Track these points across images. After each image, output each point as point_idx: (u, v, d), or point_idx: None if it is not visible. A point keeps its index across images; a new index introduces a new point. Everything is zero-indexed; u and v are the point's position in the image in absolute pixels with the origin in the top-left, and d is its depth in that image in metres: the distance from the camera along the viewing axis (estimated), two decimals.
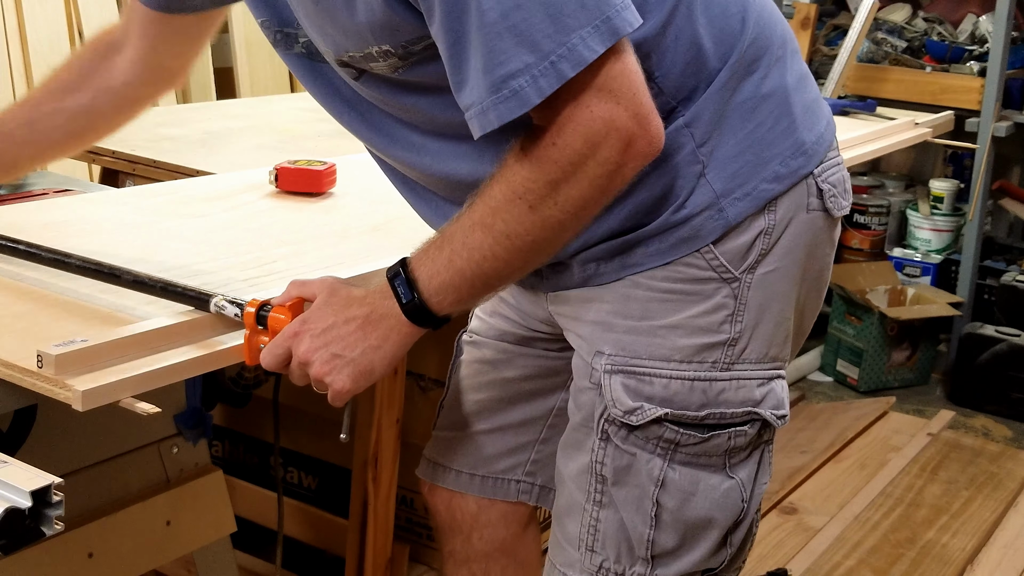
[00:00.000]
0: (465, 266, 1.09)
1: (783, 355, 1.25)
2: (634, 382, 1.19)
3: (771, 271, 1.20)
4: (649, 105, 1.04)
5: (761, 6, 1.21)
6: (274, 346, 1.15)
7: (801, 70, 1.25)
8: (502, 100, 1.01)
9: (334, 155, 2.04)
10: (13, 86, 3.09)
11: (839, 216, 1.26)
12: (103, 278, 1.30)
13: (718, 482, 1.22)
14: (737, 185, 1.17)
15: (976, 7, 3.91)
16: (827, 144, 1.24)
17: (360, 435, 1.97)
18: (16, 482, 0.95)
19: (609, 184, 1.05)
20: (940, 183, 3.93)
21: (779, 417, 1.24)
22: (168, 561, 1.80)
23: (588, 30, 0.99)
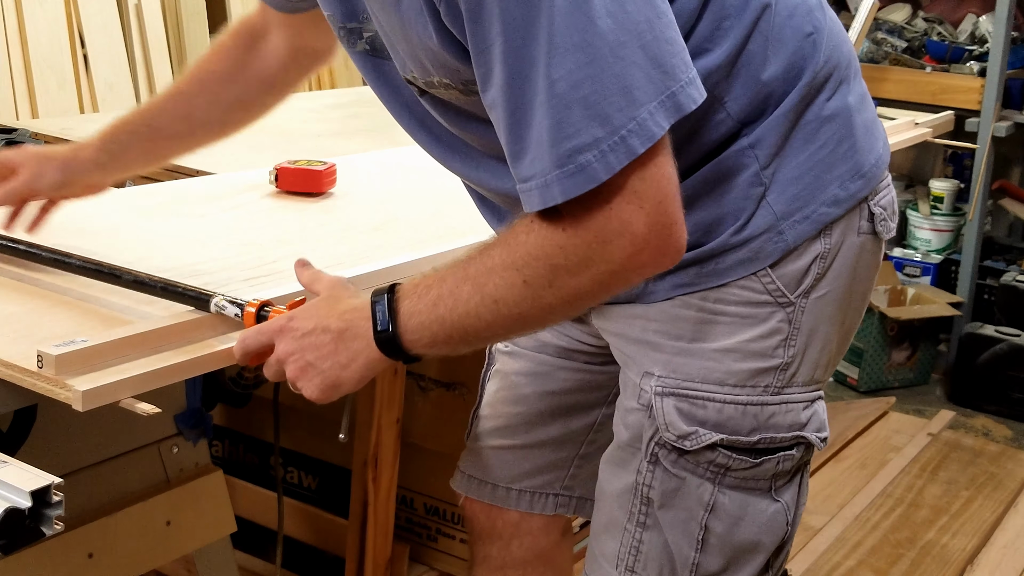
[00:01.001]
0: (447, 315, 1.06)
1: (825, 377, 1.24)
2: (687, 406, 1.18)
3: (823, 295, 1.19)
4: (675, 216, 1.00)
5: (831, 27, 1.20)
6: (259, 332, 1.14)
7: (862, 90, 1.24)
8: (568, 175, 0.97)
9: (334, 155, 2.04)
10: (13, 86, 3.09)
11: (887, 239, 1.25)
12: (103, 278, 1.30)
13: (765, 506, 1.22)
14: (797, 208, 1.15)
15: (976, 7, 3.91)
16: (884, 166, 1.23)
17: (360, 435, 1.97)
18: (16, 482, 0.95)
19: (610, 283, 1.03)
20: (940, 183, 3.93)
21: (822, 439, 1.24)
22: (168, 561, 1.80)
23: (655, 105, 0.97)
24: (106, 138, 1.48)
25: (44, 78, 3.17)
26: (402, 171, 2.12)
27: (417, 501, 2.24)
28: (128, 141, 1.48)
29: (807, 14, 1.16)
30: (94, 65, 3.30)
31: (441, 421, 2.13)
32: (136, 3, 3.42)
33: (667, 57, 0.97)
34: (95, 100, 3.31)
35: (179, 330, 1.19)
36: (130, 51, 3.41)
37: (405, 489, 2.19)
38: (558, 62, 0.95)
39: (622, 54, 0.95)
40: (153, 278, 1.27)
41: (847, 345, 1.28)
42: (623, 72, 0.96)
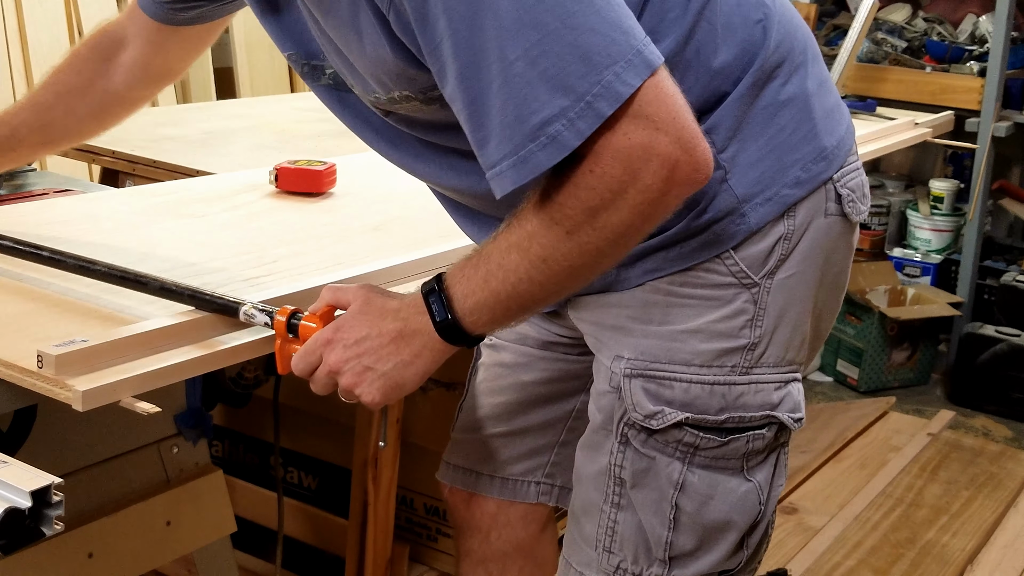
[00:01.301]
0: (500, 287, 1.07)
1: (799, 358, 1.25)
2: (654, 386, 1.20)
3: (790, 276, 1.20)
4: (692, 129, 1.01)
5: (782, 12, 1.21)
6: (306, 353, 1.14)
7: (821, 75, 1.25)
8: (540, 147, 0.99)
9: (334, 155, 2.04)
10: (13, 86, 3.09)
11: (857, 221, 1.26)
12: (129, 285, 1.29)
13: (736, 485, 1.23)
14: (759, 190, 1.17)
15: (976, 7, 3.91)
16: (847, 149, 1.24)
17: (360, 435, 1.98)
18: (16, 482, 0.95)
19: (653, 211, 1.03)
20: (940, 183, 3.94)
21: (796, 420, 1.24)
22: (168, 561, 1.80)
23: (621, 65, 0.98)
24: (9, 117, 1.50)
25: None
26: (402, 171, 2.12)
27: (417, 501, 2.24)
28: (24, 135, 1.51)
29: (757, 3, 1.17)
30: None
31: (441, 421, 2.13)
32: None
33: (624, 19, 0.99)
34: None
35: (179, 330, 1.19)
36: None
37: (405, 489, 2.19)
38: (511, 44, 0.97)
39: (574, 23, 0.97)
40: (180, 286, 1.25)
41: (825, 328, 1.30)
42: (578, 40, 0.97)
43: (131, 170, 2.19)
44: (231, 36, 3.68)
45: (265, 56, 3.78)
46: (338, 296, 1.16)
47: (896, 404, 3.55)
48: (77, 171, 2.81)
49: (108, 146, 2.23)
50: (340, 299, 1.16)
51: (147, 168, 2.16)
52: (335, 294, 1.17)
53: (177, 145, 2.30)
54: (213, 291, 1.24)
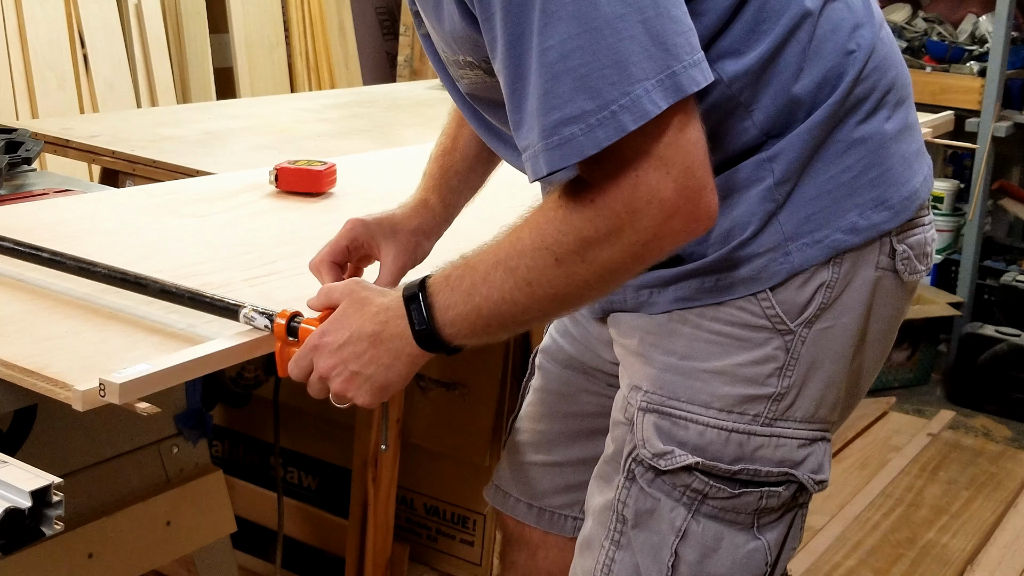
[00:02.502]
0: (483, 304, 1.04)
1: (832, 417, 1.18)
2: (668, 424, 1.14)
3: (828, 328, 1.13)
4: (704, 180, 0.97)
5: (881, 47, 1.14)
6: (299, 358, 1.13)
7: (907, 119, 1.17)
8: (553, 146, 0.96)
9: (334, 155, 2.04)
10: (13, 86, 3.09)
11: (910, 281, 1.17)
12: (129, 287, 1.29)
13: (743, 541, 1.16)
14: (809, 230, 1.10)
15: (976, 7, 3.91)
16: (918, 203, 1.16)
17: (360, 435, 1.97)
18: (16, 482, 0.95)
19: (644, 253, 0.99)
20: (940, 183, 3.93)
21: (817, 482, 1.17)
22: (168, 561, 1.80)
23: (653, 83, 0.93)
24: (441, 188, 1.41)
25: (44, 78, 3.17)
26: (402, 171, 2.12)
27: (417, 501, 2.24)
28: (459, 187, 1.42)
29: (852, 31, 1.11)
30: (94, 65, 3.31)
31: (441, 421, 2.13)
32: (136, 3, 3.42)
33: (670, 36, 0.94)
34: (95, 100, 3.31)
35: (240, 351, 1.17)
36: (130, 51, 3.41)
37: (405, 489, 2.19)
38: (550, 31, 0.93)
39: (619, 27, 0.93)
40: (180, 288, 1.25)
41: (862, 388, 1.22)
42: (619, 46, 0.93)
43: (131, 170, 2.19)
44: (231, 36, 3.68)
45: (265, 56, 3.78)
46: (331, 297, 1.15)
47: (896, 404, 3.55)
48: (77, 171, 2.81)
49: (108, 146, 2.23)
50: (333, 299, 1.15)
51: (147, 168, 2.16)
52: (328, 296, 1.15)
53: (177, 145, 2.30)
54: (213, 294, 1.24)
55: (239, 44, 3.70)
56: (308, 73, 3.96)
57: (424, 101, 3.09)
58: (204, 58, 3.58)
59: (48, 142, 2.28)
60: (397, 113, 2.87)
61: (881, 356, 1.22)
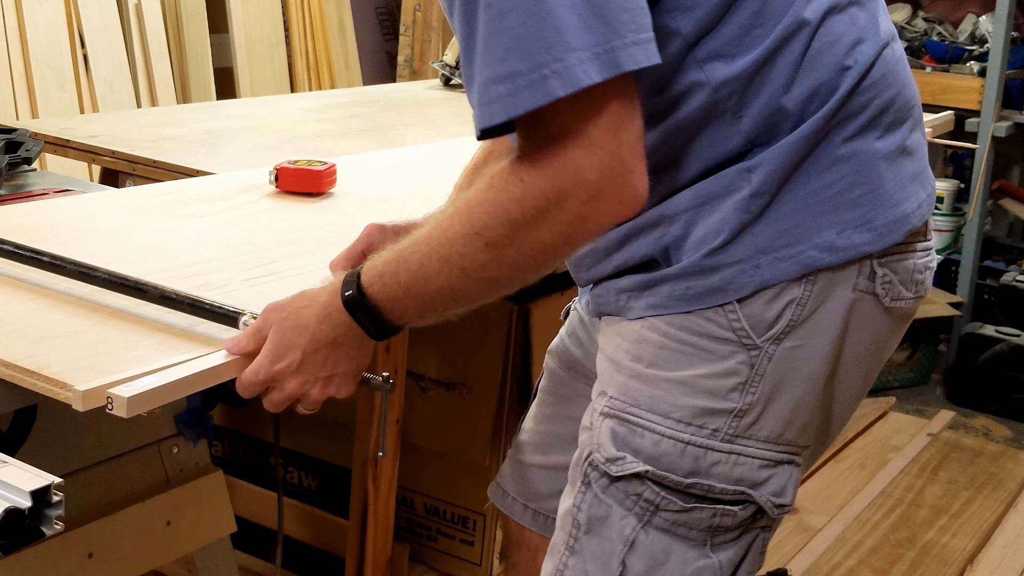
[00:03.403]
0: (424, 292, 1.06)
1: (801, 441, 1.13)
2: (625, 431, 1.12)
3: (798, 347, 1.09)
4: (631, 164, 0.96)
5: (881, 65, 1.10)
6: (249, 387, 1.13)
7: (905, 141, 1.13)
8: (484, 104, 0.96)
9: (334, 155, 2.04)
10: (13, 86, 3.09)
11: (892, 307, 1.13)
12: (128, 292, 1.28)
13: (693, 557, 1.12)
14: (783, 244, 1.07)
15: (976, 7, 3.91)
16: (908, 228, 1.11)
17: (360, 435, 1.97)
18: (16, 482, 0.95)
19: (572, 234, 0.99)
20: (940, 183, 3.93)
21: (777, 506, 1.13)
22: (168, 561, 1.80)
23: (589, 54, 0.93)
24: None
25: (44, 78, 3.17)
26: (402, 171, 2.12)
27: (417, 501, 2.24)
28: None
29: (851, 47, 1.08)
30: (94, 65, 3.31)
31: (441, 421, 2.13)
32: (136, 3, 3.42)
33: (615, 10, 0.94)
34: (95, 100, 3.31)
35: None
36: (130, 51, 3.41)
37: (405, 489, 2.19)
38: None
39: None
40: (179, 294, 1.25)
41: (840, 415, 1.18)
42: (558, 11, 0.92)
43: (131, 170, 2.19)
44: (231, 36, 3.68)
45: (265, 56, 3.78)
46: (259, 335, 1.14)
47: (896, 404, 3.55)
48: (77, 171, 2.81)
49: (108, 146, 2.23)
50: (261, 335, 1.14)
51: (147, 168, 2.16)
52: (257, 334, 1.14)
53: (177, 145, 2.30)
54: (212, 301, 1.24)
55: (239, 44, 3.70)
56: (308, 73, 3.96)
57: (424, 101, 3.10)
58: (204, 58, 3.58)
59: (48, 142, 2.28)
60: (397, 113, 2.87)
61: (863, 383, 1.17)
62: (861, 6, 1.11)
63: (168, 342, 1.20)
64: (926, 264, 1.16)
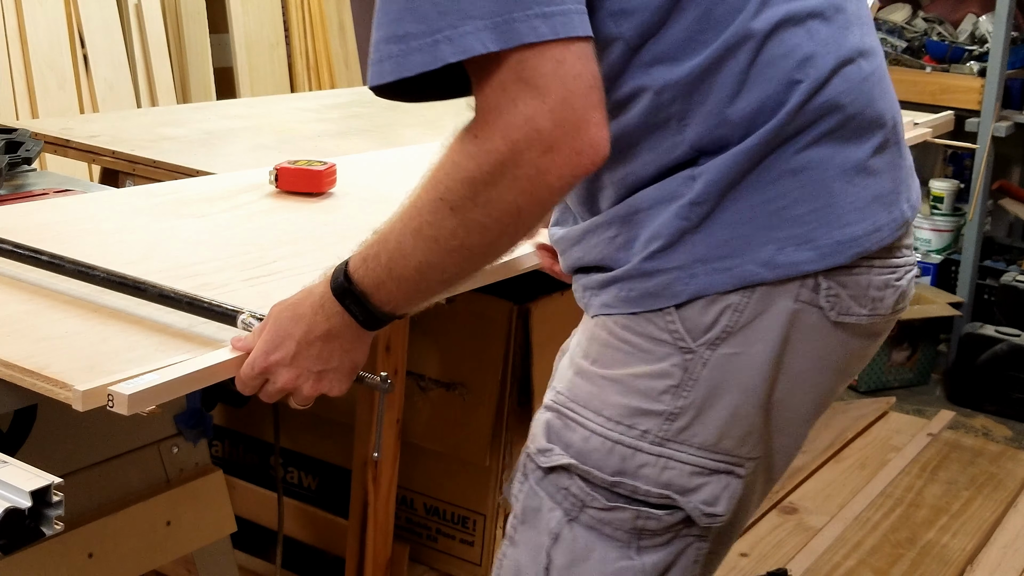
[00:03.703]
0: (404, 272, 1.05)
1: (742, 452, 1.11)
2: (560, 424, 1.12)
3: (734, 354, 1.06)
4: (584, 114, 0.95)
5: (840, 82, 1.07)
6: (247, 380, 1.13)
7: (868, 162, 1.08)
8: (375, 62, 0.96)
9: (334, 155, 2.04)
10: (13, 86, 3.09)
11: (842, 321, 1.09)
12: (127, 291, 1.29)
13: (615, 557, 1.11)
14: (720, 256, 1.05)
15: (976, 7, 3.91)
16: (856, 251, 1.07)
17: (360, 435, 1.97)
18: (16, 482, 0.95)
19: (532, 189, 0.97)
20: (940, 183, 3.93)
21: (707, 515, 1.10)
22: (168, 561, 1.80)
23: (486, 23, 0.92)
24: None
25: (44, 78, 3.17)
26: (402, 171, 2.12)
27: (417, 501, 2.24)
28: None
29: (804, 61, 1.05)
30: (94, 65, 3.31)
31: (441, 421, 2.13)
32: (136, 3, 3.42)
33: None
34: (95, 100, 3.31)
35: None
36: (130, 51, 3.41)
37: (405, 489, 2.19)
38: None
39: None
40: (178, 292, 1.25)
41: (792, 431, 1.14)
42: None
43: (131, 170, 2.19)
44: (231, 36, 3.68)
45: (265, 56, 3.78)
46: (265, 325, 1.15)
47: (896, 404, 3.55)
48: (77, 171, 2.81)
49: (108, 146, 2.23)
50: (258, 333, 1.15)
51: (147, 168, 2.16)
52: (255, 335, 1.15)
53: (177, 145, 2.30)
54: (211, 299, 1.24)
55: (239, 44, 3.70)
56: (308, 73, 3.96)
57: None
58: (204, 58, 3.58)
59: (48, 142, 2.28)
60: (397, 113, 2.86)
61: (816, 399, 1.14)
62: (825, 19, 1.07)
63: (168, 342, 1.20)
64: (887, 281, 1.11)
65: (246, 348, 1.15)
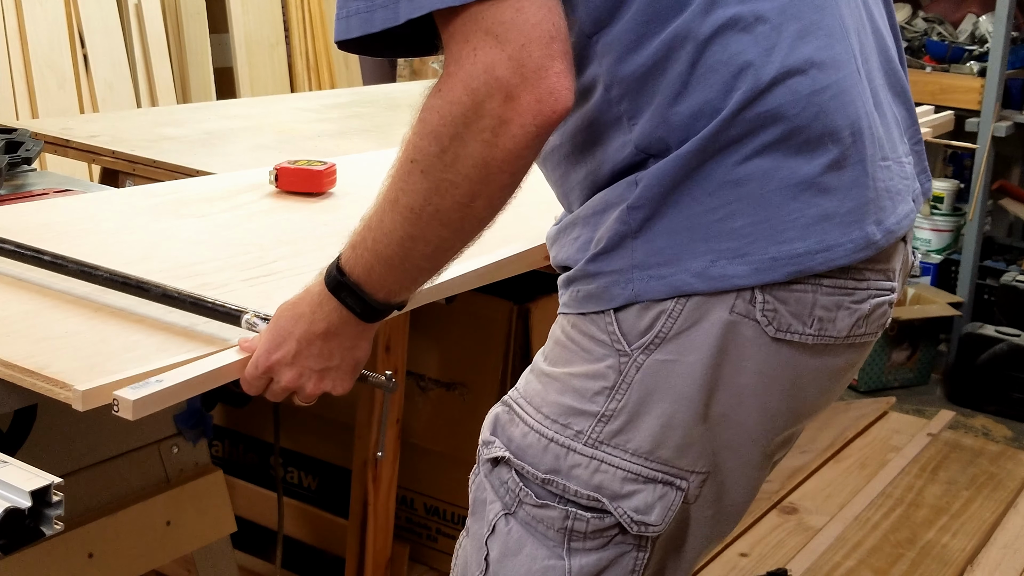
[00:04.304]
0: (389, 252, 1.05)
1: (682, 464, 1.08)
2: (506, 418, 1.13)
3: (668, 361, 1.05)
4: (543, 61, 0.94)
5: (785, 92, 1.03)
6: (252, 380, 1.14)
7: (821, 178, 1.04)
8: (342, 17, 0.99)
9: (334, 155, 2.04)
10: (13, 86, 3.09)
11: (784, 339, 1.05)
12: (131, 291, 1.29)
13: (543, 556, 1.11)
14: (657, 263, 1.04)
15: (976, 7, 3.91)
16: (796, 270, 1.03)
17: (360, 435, 1.97)
18: (16, 482, 0.95)
19: (499, 142, 0.95)
20: (940, 183, 3.93)
21: (636, 522, 1.08)
22: (168, 561, 1.80)
23: None
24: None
25: (44, 78, 3.17)
26: None
27: (417, 501, 2.24)
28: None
29: (745, 67, 1.02)
30: (94, 65, 3.31)
31: (441, 421, 2.13)
32: (136, 3, 3.42)
33: None
34: (95, 100, 3.31)
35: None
36: (130, 51, 3.41)
37: (405, 489, 2.19)
38: None
39: None
40: (182, 293, 1.26)
41: (736, 448, 1.10)
42: None
43: (131, 170, 2.19)
44: (231, 36, 3.68)
45: (265, 56, 3.78)
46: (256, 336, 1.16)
47: (896, 404, 3.55)
48: (77, 171, 2.82)
49: (108, 146, 2.23)
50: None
51: (147, 168, 2.16)
52: (256, 338, 1.16)
53: (177, 145, 2.30)
54: (214, 299, 1.24)
55: (239, 44, 3.70)
56: (308, 73, 3.96)
57: None
58: (204, 58, 3.58)
59: (48, 142, 2.28)
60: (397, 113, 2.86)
61: (763, 419, 1.09)
62: (775, 27, 1.03)
63: (168, 342, 1.21)
64: (838, 303, 1.07)
65: (252, 349, 1.15)
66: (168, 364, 1.14)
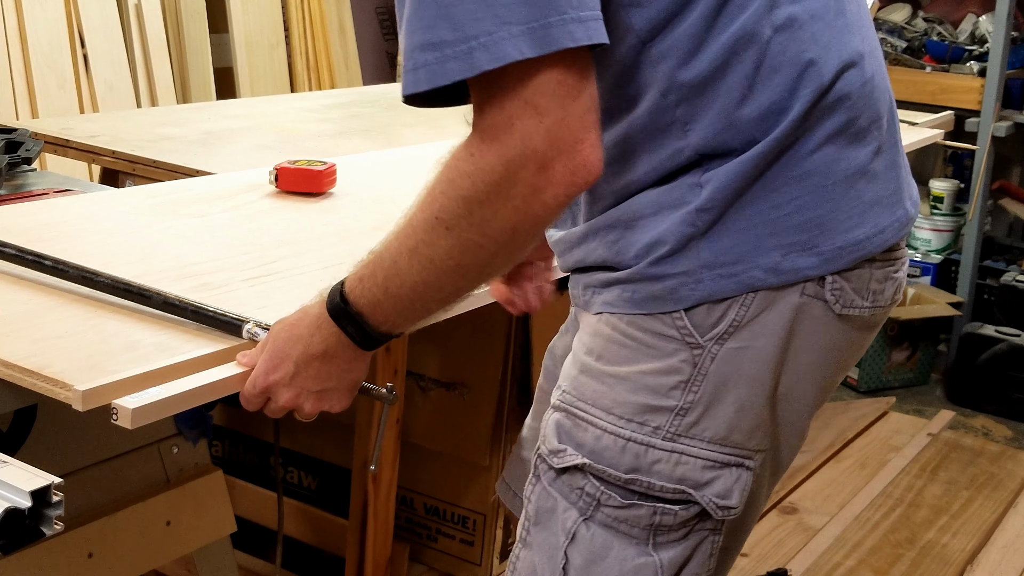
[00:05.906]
0: (400, 292, 1.05)
1: (751, 444, 1.11)
2: (570, 424, 1.12)
3: (741, 348, 1.07)
4: (579, 134, 0.94)
5: (843, 85, 1.07)
6: (249, 398, 1.14)
7: (870, 166, 1.09)
8: (409, 71, 0.95)
9: (334, 155, 2.04)
10: (13, 86, 3.09)
11: (845, 314, 1.10)
12: (132, 298, 1.28)
13: (632, 555, 1.11)
14: (725, 262, 1.05)
15: (976, 7, 3.91)
16: (859, 255, 1.08)
17: (360, 435, 1.97)
18: (16, 482, 0.95)
19: (528, 210, 0.96)
20: (940, 183, 3.94)
21: (721, 507, 1.10)
22: (168, 561, 1.80)
23: (521, 28, 0.91)
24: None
25: (44, 78, 3.17)
26: (402, 171, 2.12)
27: (417, 501, 2.24)
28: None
29: (808, 65, 1.05)
30: (94, 65, 3.31)
31: (441, 421, 2.13)
32: (136, 3, 3.42)
33: None
34: (95, 100, 3.31)
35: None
36: (130, 51, 3.41)
37: (405, 489, 2.19)
38: None
39: None
40: (183, 301, 1.25)
41: (795, 422, 1.15)
42: None
43: (131, 170, 2.19)
44: (231, 36, 3.68)
45: (265, 56, 3.78)
46: (257, 350, 1.16)
47: (896, 404, 3.55)
48: (77, 171, 2.81)
49: (108, 146, 2.23)
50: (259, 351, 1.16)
51: (147, 168, 2.16)
52: (256, 351, 1.16)
53: (177, 145, 2.30)
54: (216, 308, 1.23)
55: (239, 44, 3.70)
56: (308, 73, 3.96)
57: None
58: (204, 58, 3.58)
59: (48, 142, 2.28)
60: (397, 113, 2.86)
61: (818, 392, 1.15)
62: (827, 23, 1.07)
63: (168, 342, 1.20)
64: (887, 274, 1.13)
65: (251, 364, 1.15)
66: (168, 364, 1.13)
